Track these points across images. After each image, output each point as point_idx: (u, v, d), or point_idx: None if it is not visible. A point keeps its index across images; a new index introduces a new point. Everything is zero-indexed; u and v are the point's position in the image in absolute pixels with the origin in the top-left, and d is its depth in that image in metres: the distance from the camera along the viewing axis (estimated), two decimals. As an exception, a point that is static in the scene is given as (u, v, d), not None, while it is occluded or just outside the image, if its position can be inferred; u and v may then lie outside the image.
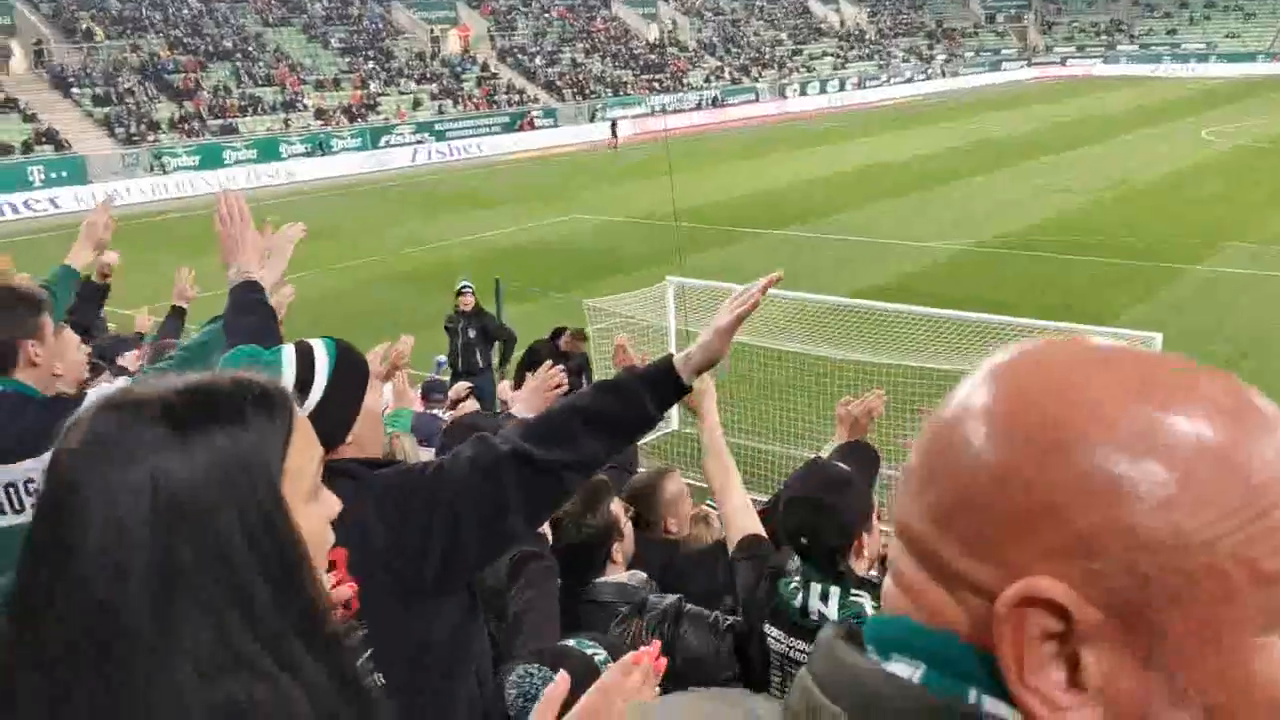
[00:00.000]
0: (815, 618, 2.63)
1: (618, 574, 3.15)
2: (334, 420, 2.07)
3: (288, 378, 2.09)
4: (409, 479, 2.07)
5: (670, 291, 11.89)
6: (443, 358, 11.39)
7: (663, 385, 2.14)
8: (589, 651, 2.02)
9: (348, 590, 1.35)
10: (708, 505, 4.66)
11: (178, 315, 6.48)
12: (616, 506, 3.22)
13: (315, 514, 1.06)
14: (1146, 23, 75.90)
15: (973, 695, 0.63)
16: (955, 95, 58.99)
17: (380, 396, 2.33)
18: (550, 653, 1.99)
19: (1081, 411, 0.61)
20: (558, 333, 10.62)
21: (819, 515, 2.66)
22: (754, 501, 3.34)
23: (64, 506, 0.92)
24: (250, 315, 2.75)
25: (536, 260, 20.92)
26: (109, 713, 0.87)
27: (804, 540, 2.69)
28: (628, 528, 3.27)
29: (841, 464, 2.93)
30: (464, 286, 11.14)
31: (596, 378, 10.86)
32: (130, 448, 0.93)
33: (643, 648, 1.62)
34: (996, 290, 16.62)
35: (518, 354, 11.53)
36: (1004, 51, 75.70)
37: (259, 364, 2.07)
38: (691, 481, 4.97)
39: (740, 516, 3.12)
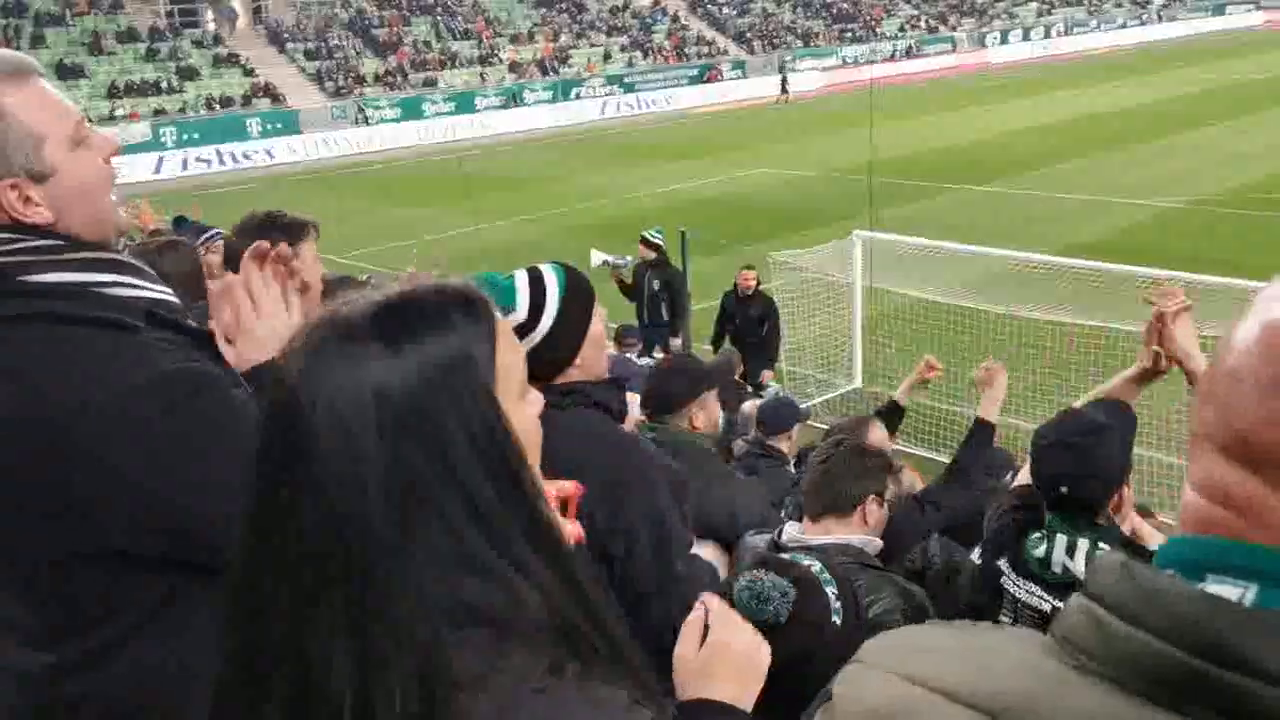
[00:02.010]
0: (1059, 570, 2.53)
1: (856, 533, 3.02)
2: (565, 343, 2.23)
3: (522, 303, 2.21)
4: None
5: (858, 246, 11.64)
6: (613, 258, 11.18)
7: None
8: (806, 562, 2.05)
9: (576, 529, 1.38)
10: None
11: None
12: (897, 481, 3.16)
13: (527, 412, 1.07)
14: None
15: None
16: (1173, 43, 55.06)
17: (604, 321, 2.41)
18: (774, 561, 2.04)
19: None
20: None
21: (1082, 461, 2.52)
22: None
23: (294, 425, 0.96)
24: None
25: (724, 213, 20.86)
26: (355, 618, 0.90)
27: (1063, 489, 2.55)
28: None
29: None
30: (644, 236, 11.09)
31: (783, 328, 10.78)
32: (348, 364, 0.95)
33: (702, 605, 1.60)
34: (1219, 249, 15.53)
35: (700, 306, 11.56)
36: (1231, -6, 70.10)
37: (494, 289, 2.17)
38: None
39: None
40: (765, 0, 54.61)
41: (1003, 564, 2.71)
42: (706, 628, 1.55)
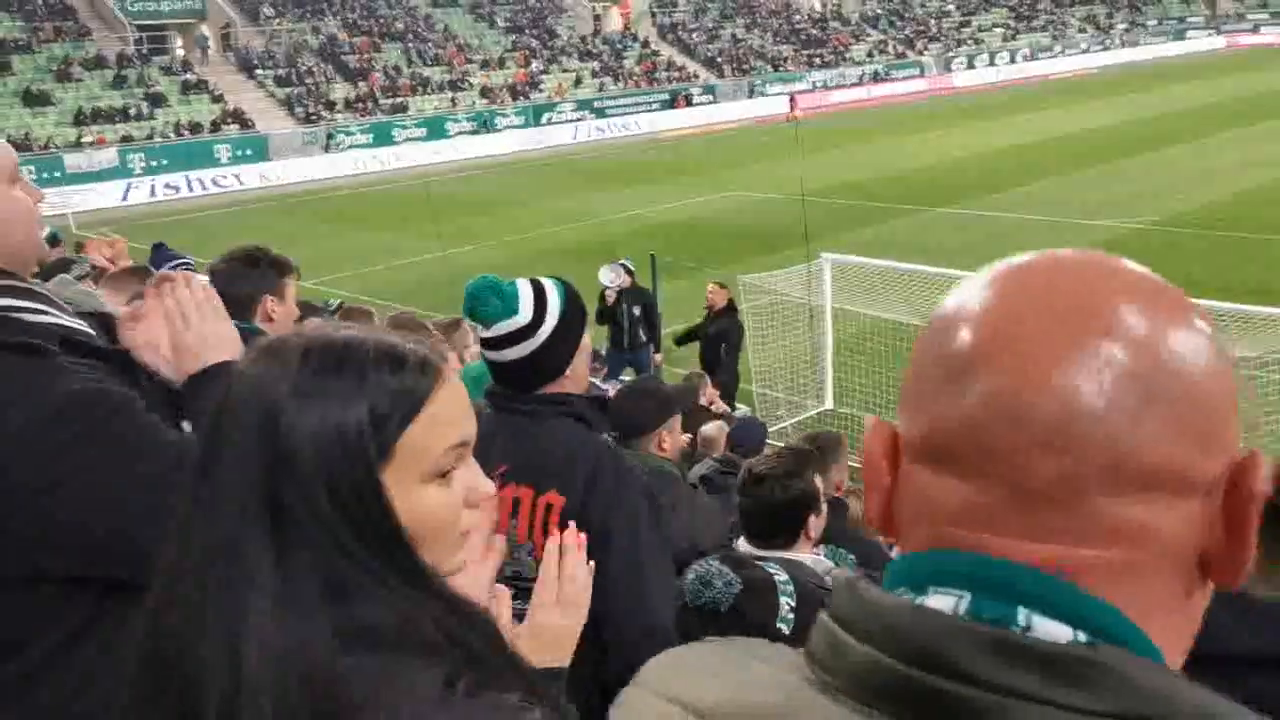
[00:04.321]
0: None
1: (804, 552, 3.08)
2: (563, 350, 2.36)
3: (525, 309, 2.31)
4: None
5: (826, 269, 11.74)
6: None
7: None
8: (770, 570, 2.09)
9: (571, 536, 1.41)
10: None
11: None
12: (819, 480, 3.20)
13: (433, 497, 1.03)
14: (1354, -15, 70.24)
15: (1022, 616, 0.64)
16: (1135, 66, 55.93)
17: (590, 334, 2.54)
18: (734, 559, 2.09)
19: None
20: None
21: None
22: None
23: (209, 438, 1.00)
24: None
25: (694, 236, 20.96)
26: (233, 637, 0.90)
27: None
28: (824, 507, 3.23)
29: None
30: (618, 265, 11.21)
31: (749, 349, 10.85)
32: (260, 387, 0.98)
33: (558, 533, 1.63)
34: (1181, 269, 15.76)
35: (669, 330, 11.61)
36: (1190, 19, 71.29)
37: (497, 294, 2.30)
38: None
39: None
40: (735, 26, 55.11)
41: None
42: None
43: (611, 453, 2.40)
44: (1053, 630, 0.64)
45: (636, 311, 10.95)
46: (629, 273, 11.06)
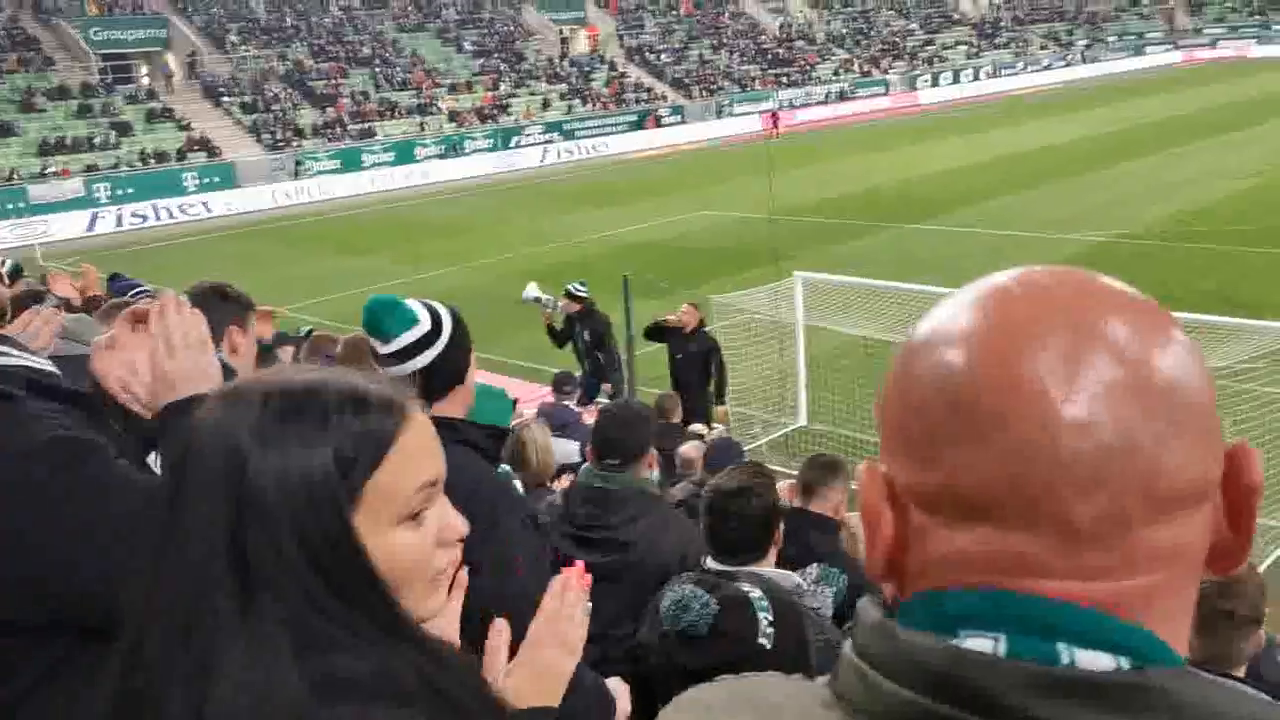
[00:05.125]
0: None
1: (770, 566, 3.08)
2: (461, 358, 2.52)
3: (424, 321, 2.45)
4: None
5: (798, 286, 11.78)
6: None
7: None
8: (744, 588, 2.08)
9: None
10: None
11: None
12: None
13: (405, 539, 1.01)
14: (1306, -1, 71.63)
15: (1064, 651, 0.64)
16: (1096, 82, 56.74)
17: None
18: (708, 580, 2.08)
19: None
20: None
21: None
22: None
23: (174, 483, 0.98)
24: None
25: (665, 256, 21.01)
26: (199, 684, 0.88)
27: None
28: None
29: None
30: (568, 290, 10.91)
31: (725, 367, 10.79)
32: (223, 435, 0.96)
33: (566, 570, 1.62)
34: (1148, 281, 15.87)
35: (642, 351, 11.59)
36: (1149, 35, 72.43)
37: (396, 308, 2.44)
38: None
39: None
40: (702, 47, 55.49)
41: None
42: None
43: (494, 483, 2.47)
44: (1097, 660, 0.64)
45: (587, 336, 10.79)
46: (577, 298, 10.83)
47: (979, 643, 0.66)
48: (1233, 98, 41.89)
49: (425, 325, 2.47)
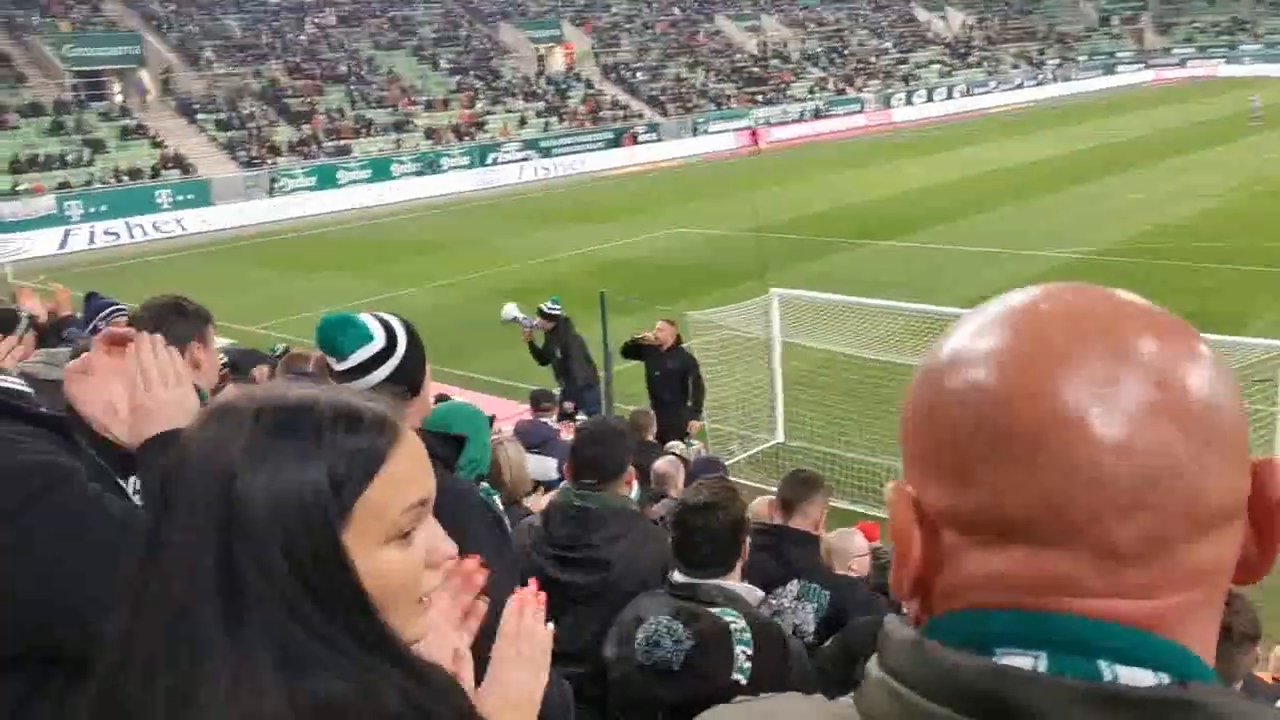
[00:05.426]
0: None
1: (736, 580, 3.08)
2: (418, 369, 2.50)
3: (379, 337, 2.44)
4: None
5: (775, 303, 11.82)
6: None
7: None
8: (726, 619, 2.07)
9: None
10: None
11: None
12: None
13: (394, 559, 1.00)
14: (1272, 20, 72.70)
15: (1105, 668, 0.65)
16: (1068, 101, 57.38)
17: None
18: (687, 611, 2.06)
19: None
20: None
21: None
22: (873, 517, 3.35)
23: (161, 501, 0.97)
24: None
25: (642, 274, 21.04)
26: (184, 708, 0.88)
27: None
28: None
29: None
30: (540, 310, 10.92)
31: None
32: (213, 451, 0.95)
33: (521, 590, 1.61)
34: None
35: (621, 367, 11.58)
36: (1119, 54, 73.35)
37: (351, 324, 2.44)
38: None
39: None
40: (678, 65, 55.73)
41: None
42: None
43: (455, 488, 2.44)
44: (1138, 676, 0.64)
45: (559, 354, 10.83)
46: (549, 316, 10.84)
47: (1019, 660, 0.66)
48: (1204, 116, 42.43)
49: (380, 340, 2.45)
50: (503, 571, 2.31)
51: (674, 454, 7.31)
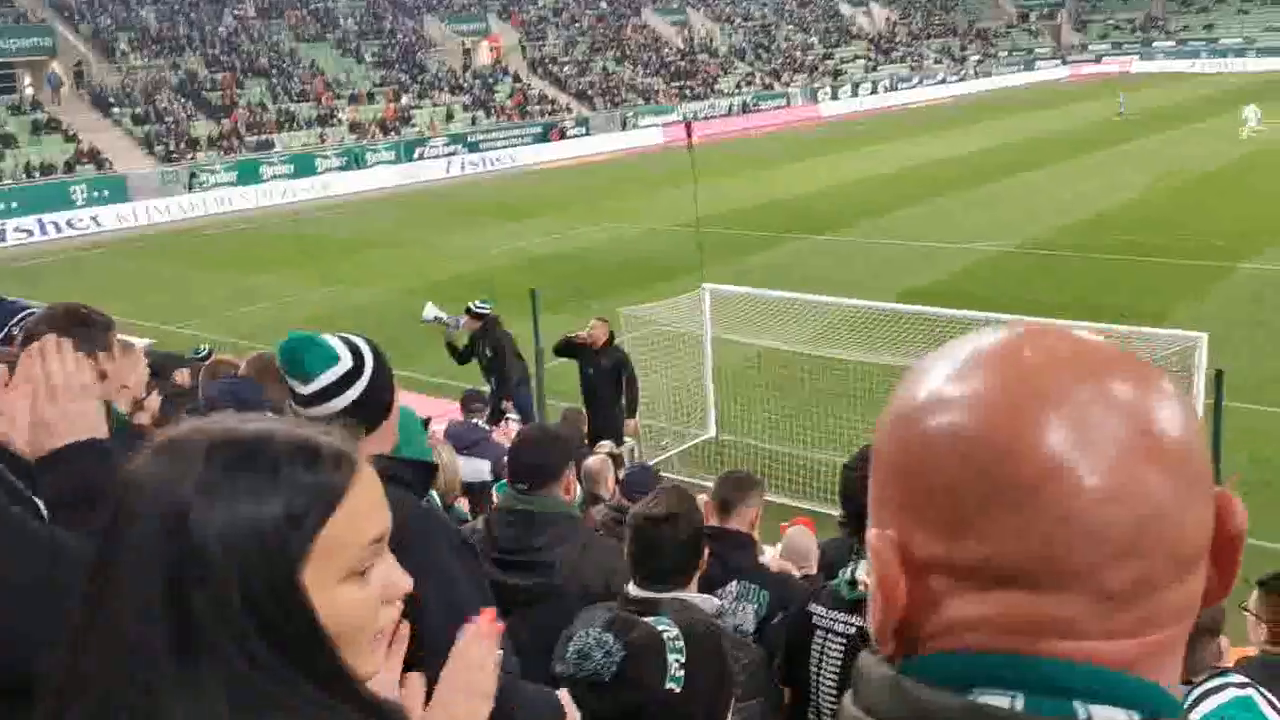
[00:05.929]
0: (861, 589, 2.79)
1: (693, 590, 3.05)
2: (387, 388, 2.41)
3: (345, 358, 2.35)
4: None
5: (706, 299, 11.84)
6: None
7: None
8: (660, 628, 2.06)
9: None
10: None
11: None
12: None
13: (351, 596, 0.98)
14: (1183, 18, 74.97)
15: (1080, 708, 0.67)
16: (989, 96, 58.52)
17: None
18: (620, 621, 2.05)
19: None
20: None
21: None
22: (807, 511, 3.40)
23: (109, 536, 0.93)
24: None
25: (573, 269, 20.96)
26: None
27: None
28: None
29: None
30: (469, 308, 10.83)
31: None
32: (163, 487, 0.92)
33: (478, 618, 1.61)
34: (1040, 291, 16.43)
35: (552, 364, 11.50)
36: (1038, 51, 75.07)
37: (316, 345, 2.34)
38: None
39: None
40: (605, 59, 55.67)
41: (812, 606, 3.11)
42: None
43: (422, 516, 2.42)
44: (1111, 715, 0.66)
45: (489, 353, 10.73)
46: (477, 315, 10.74)
47: (996, 699, 0.67)
48: (1123, 111, 43.49)
49: (346, 363, 2.35)
50: (473, 593, 2.25)
51: (604, 453, 7.27)
